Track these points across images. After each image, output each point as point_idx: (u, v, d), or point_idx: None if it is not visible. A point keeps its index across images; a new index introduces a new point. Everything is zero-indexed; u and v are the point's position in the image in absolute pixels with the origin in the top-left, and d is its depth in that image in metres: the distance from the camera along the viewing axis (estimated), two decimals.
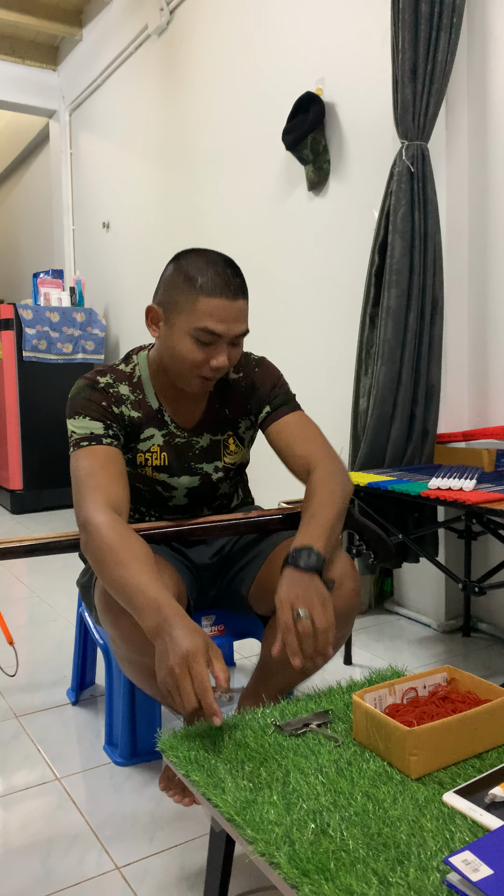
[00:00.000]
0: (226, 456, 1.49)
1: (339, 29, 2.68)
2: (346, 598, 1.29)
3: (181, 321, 1.29)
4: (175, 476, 1.45)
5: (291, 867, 0.74)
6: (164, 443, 1.43)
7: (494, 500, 1.59)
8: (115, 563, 1.14)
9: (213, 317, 1.26)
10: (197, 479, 1.46)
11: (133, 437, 1.41)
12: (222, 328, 1.27)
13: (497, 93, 2.14)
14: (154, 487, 1.46)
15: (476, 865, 0.70)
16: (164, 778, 1.43)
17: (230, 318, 1.28)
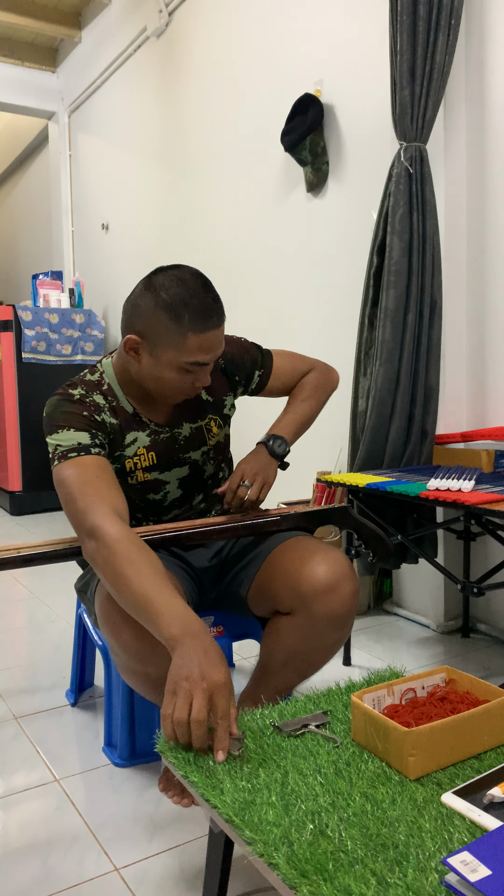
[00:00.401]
0: (210, 439, 1.52)
1: (338, 31, 2.68)
2: (343, 600, 1.29)
3: (168, 355, 1.30)
4: (166, 471, 1.46)
5: (290, 868, 0.74)
6: (151, 442, 1.44)
7: (493, 500, 1.59)
8: (134, 575, 1.12)
9: (203, 350, 1.30)
10: (186, 469, 1.49)
11: (117, 444, 1.41)
12: (210, 357, 1.32)
13: (495, 94, 2.15)
14: (145, 495, 1.47)
15: (474, 866, 0.70)
16: (164, 779, 1.43)
17: (217, 345, 1.32)
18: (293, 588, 1.31)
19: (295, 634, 1.32)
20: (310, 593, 1.29)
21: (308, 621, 1.30)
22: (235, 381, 1.55)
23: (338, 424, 2.66)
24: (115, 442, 1.41)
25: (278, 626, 1.36)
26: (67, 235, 5.41)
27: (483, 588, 1.70)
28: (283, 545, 1.40)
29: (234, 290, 3.34)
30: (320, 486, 2.55)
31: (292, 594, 1.31)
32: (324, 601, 1.28)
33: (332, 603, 1.28)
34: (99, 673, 1.92)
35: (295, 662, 1.36)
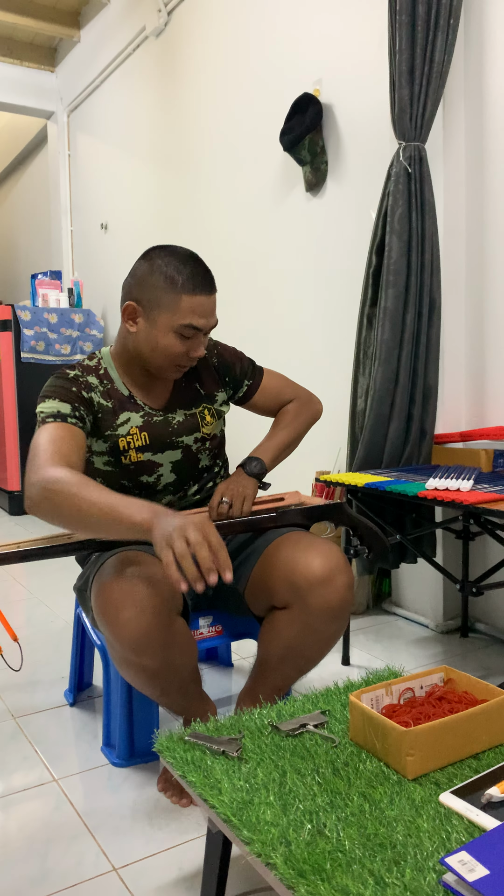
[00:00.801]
0: (203, 427, 1.55)
1: (337, 30, 2.68)
2: (338, 592, 1.30)
3: (164, 318, 1.38)
4: (158, 452, 1.49)
5: (288, 868, 0.74)
6: (143, 423, 1.48)
7: (492, 500, 1.59)
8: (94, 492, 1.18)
9: (196, 313, 1.38)
10: (179, 453, 1.51)
11: (107, 424, 1.46)
12: (203, 322, 1.39)
13: (494, 93, 2.14)
14: (139, 478, 1.49)
15: (472, 866, 0.70)
16: (162, 779, 1.44)
17: (209, 312, 1.40)
18: (288, 581, 1.32)
19: (291, 628, 1.33)
20: (305, 586, 1.30)
21: (304, 614, 1.31)
22: (225, 382, 1.61)
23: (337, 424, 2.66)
24: (104, 422, 1.45)
25: (275, 621, 1.37)
26: (66, 235, 5.40)
27: (482, 588, 1.70)
28: (278, 540, 1.41)
29: (234, 289, 3.34)
30: (319, 486, 2.55)
31: (287, 588, 1.32)
32: (319, 593, 1.29)
33: (327, 595, 1.29)
34: (97, 673, 1.92)
35: (292, 657, 1.36)
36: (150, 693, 1.34)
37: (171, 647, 1.25)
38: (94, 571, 1.35)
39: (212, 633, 1.58)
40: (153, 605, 1.21)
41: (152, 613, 1.21)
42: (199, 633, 1.55)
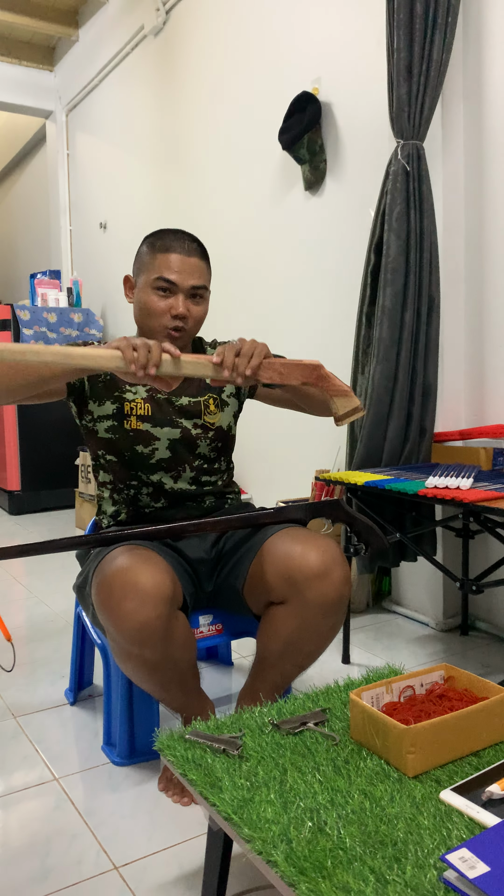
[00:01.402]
0: (206, 415, 1.56)
1: (335, 29, 2.68)
2: (334, 586, 1.31)
3: (144, 278, 1.48)
4: (158, 426, 1.51)
5: (288, 865, 0.74)
6: (148, 396, 1.52)
7: (492, 498, 1.59)
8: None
9: (168, 269, 1.44)
10: (178, 432, 1.53)
11: (117, 385, 1.51)
12: (176, 277, 1.44)
13: (492, 91, 2.14)
14: (134, 446, 1.51)
15: (473, 862, 0.70)
16: (164, 778, 1.44)
17: (184, 270, 1.45)
18: (285, 576, 1.32)
19: (289, 623, 1.34)
20: (301, 580, 1.30)
21: (301, 609, 1.32)
22: None
23: None
24: (112, 383, 1.51)
25: (273, 616, 1.37)
26: (65, 234, 5.40)
27: (482, 585, 1.70)
28: (274, 536, 1.42)
29: (232, 288, 3.34)
30: (319, 485, 2.55)
31: (285, 583, 1.33)
32: (316, 587, 1.30)
33: (324, 589, 1.30)
34: (98, 672, 1.92)
35: (291, 652, 1.37)
36: (149, 687, 1.35)
37: (171, 640, 1.26)
38: (94, 567, 1.36)
39: (212, 632, 1.58)
40: (154, 596, 1.22)
41: (153, 605, 1.22)
42: (200, 631, 1.55)
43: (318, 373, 1.31)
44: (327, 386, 1.31)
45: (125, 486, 1.54)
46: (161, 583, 1.24)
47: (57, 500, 4.49)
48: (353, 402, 1.33)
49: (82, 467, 3.90)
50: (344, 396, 1.32)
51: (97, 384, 1.50)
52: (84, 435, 1.58)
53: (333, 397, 1.32)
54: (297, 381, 1.29)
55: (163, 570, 1.27)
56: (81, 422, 1.55)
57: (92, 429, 1.53)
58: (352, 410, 1.32)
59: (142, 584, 1.22)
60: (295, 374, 1.30)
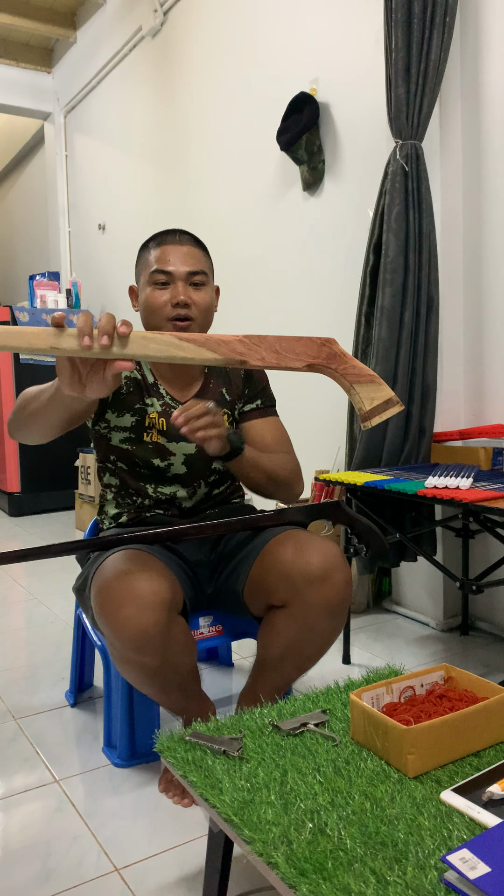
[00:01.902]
0: None
1: (333, 29, 2.68)
2: (336, 589, 1.30)
3: (143, 278, 1.48)
4: (173, 441, 1.50)
5: (289, 867, 0.74)
6: (162, 410, 1.50)
7: (491, 498, 1.59)
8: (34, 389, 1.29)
9: (161, 260, 1.45)
10: (193, 447, 1.51)
11: (138, 398, 1.50)
12: (170, 267, 1.44)
13: (490, 91, 2.14)
14: (150, 461, 1.50)
15: (474, 863, 0.70)
16: (164, 780, 1.44)
17: (178, 258, 1.45)
18: (287, 579, 1.32)
19: (291, 626, 1.33)
20: (303, 583, 1.30)
21: (303, 612, 1.31)
22: (244, 392, 1.60)
23: (335, 423, 2.66)
24: (133, 396, 1.50)
25: (274, 619, 1.37)
26: (64, 236, 5.40)
27: (482, 585, 1.70)
28: (276, 538, 1.41)
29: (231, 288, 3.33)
30: (318, 485, 2.55)
31: (286, 585, 1.32)
32: (318, 590, 1.29)
33: (325, 592, 1.29)
34: (98, 673, 1.92)
35: (292, 655, 1.36)
36: (149, 692, 1.34)
37: (171, 645, 1.25)
38: (93, 571, 1.35)
39: (212, 633, 1.58)
40: (153, 603, 1.21)
41: (152, 611, 1.21)
42: (200, 632, 1.55)
43: (328, 350, 1.02)
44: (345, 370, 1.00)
45: (134, 492, 1.54)
46: (160, 589, 1.23)
47: (57, 502, 4.49)
48: (383, 391, 1.01)
49: (82, 469, 3.90)
50: (370, 384, 1.01)
51: (119, 394, 1.49)
52: (93, 438, 1.57)
53: (354, 386, 1.01)
54: (301, 363, 1.02)
55: (162, 575, 1.27)
56: (94, 426, 1.54)
57: (105, 435, 1.52)
58: (383, 404, 1.01)
59: (141, 590, 1.22)
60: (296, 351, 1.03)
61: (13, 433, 1.36)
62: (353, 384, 1.00)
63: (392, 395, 1.00)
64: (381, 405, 1.00)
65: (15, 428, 1.35)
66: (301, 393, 2.85)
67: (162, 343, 0.99)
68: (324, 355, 1.01)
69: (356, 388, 1.00)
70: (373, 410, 1.00)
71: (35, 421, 1.28)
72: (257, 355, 1.01)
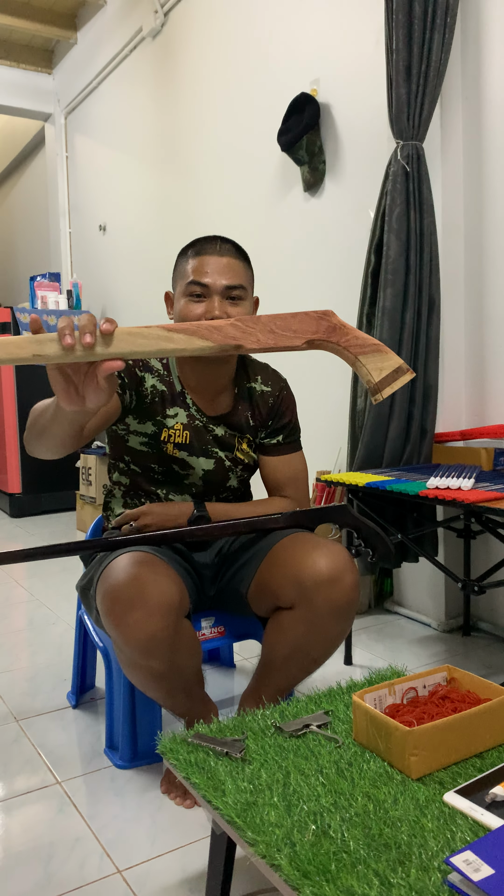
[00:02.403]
0: (237, 451, 1.54)
1: (334, 30, 2.68)
2: (344, 591, 1.30)
3: (179, 287, 1.43)
4: (194, 456, 1.49)
5: (292, 869, 0.73)
6: (188, 423, 1.49)
7: (493, 498, 1.59)
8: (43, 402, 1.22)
9: (199, 271, 1.39)
10: (213, 463, 1.51)
11: (160, 409, 1.47)
12: (208, 279, 1.39)
13: (491, 92, 2.14)
14: (170, 466, 1.49)
15: (477, 865, 0.70)
16: (166, 781, 1.44)
17: (216, 271, 1.39)
18: (294, 581, 1.31)
19: (297, 628, 1.33)
20: (311, 586, 1.29)
21: (310, 614, 1.30)
22: (268, 424, 1.57)
23: (337, 424, 2.66)
24: (155, 406, 1.47)
25: (280, 620, 1.36)
26: (65, 237, 5.40)
27: (484, 586, 1.69)
28: (283, 541, 1.41)
29: None
30: (320, 486, 2.54)
31: (294, 587, 1.32)
32: (326, 593, 1.29)
33: (333, 594, 1.29)
34: (100, 675, 1.92)
35: (297, 657, 1.36)
36: (154, 695, 1.34)
37: (177, 649, 1.25)
38: (99, 572, 1.35)
39: (214, 634, 1.57)
40: (161, 607, 1.21)
41: (161, 615, 1.20)
42: (202, 633, 1.55)
43: (327, 323, 0.95)
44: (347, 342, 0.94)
45: (144, 494, 1.53)
46: (168, 592, 1.23)
47: (57, 503, 4.49)
48: (391, 359, 0.94)
49: (83, 470, 3.90)
50: (375, 353, 0.94)
51: (143, 404, 1.46)
52: (109, 437, 1.56)
53: (360, 358, 0.94)
54: (300, 341, 0.95)
55: (170, 578, 1.26)
56: (112, 427, 1.51)
57: (122, 437, 1.50)
58: (393, 373, 0.94)
59: (149, 594, 1.21)
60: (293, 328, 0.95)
61: (30, 451, 1.30)
62: (357, 356, 0.94)
63: (401, 362, 0.94)
64: (390, 375, 0.93)
65: (30, 446, 1.29)
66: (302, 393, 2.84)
67: (150, 337, 0.92)
68: (323, 329, 0.94)
69: (362, 359, 0.94)
70: (382, 381, 0.94)
71: (45, 438, 1.22)
72: (252, 338, 0.94)
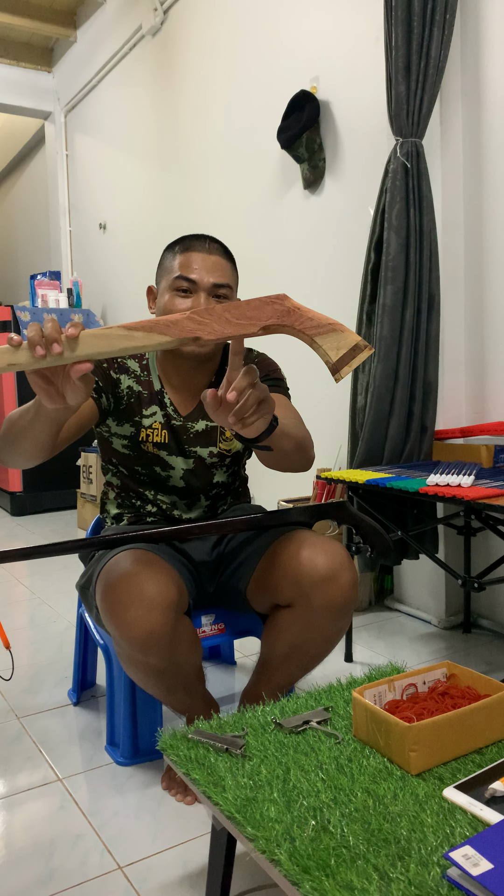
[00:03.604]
0: (221, 442, 1.52)
1: (333, 27, 2.67)
2: (342, 590, 1.30)
3: (164, 283, 1.42)
4: (172, 455, 1.49)
5: (292, 864, 0.74)
6: (165, 421, 1.49)
7: (493, 495, 1.59)
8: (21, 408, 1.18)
9: (186, 267, 1.38)
10: (191, 462, 1.50)
11: (136, 410, 1.47)
12: (196, 275, 1.38)
13: (491, 88, 2.14)
14: (152, 468, 1.49)
15: (476, 860, 0.70)
16: (167, 777, 1.44)
17: (203, 267, 1.39)
18: (292, 580, 1.31)
19: (295, 626, 1.33)
20: (309, 584, 1.29)
21: (308, 612, 1.31)
22: None
23: (337, 421, 2.66)
24: (133, 407, 1.47)
25: (278, 619, 1.37)
26: (65, 235, 5.40)
27: (484, 583, 1.70)
28: (281, 538, 1.41)
29: None
30: (320, 484, 2.55)
31: (292, 586, 1.32)
32: (323, 591, 1.29)
33: (331, 593, 1.29)
34: (101, 672, 1.92)
35: (296, 655, 1.36)
36: (155, 692, 1.35)
37: (177, 646, 1.25)
38: (99, 569, 1.35)
39: (214, 631, 1.58)
40: (160, 604, 1.21)
41: (159, 613, 1.21)
42: (202, 631, 1.55)
43: (281, 307, 0.94)
44: (302, 324, 0.93)
45: (135, 496, 1.54)
46: (167, 589, 1.23)
47: (59, 501, 4.49)
48: (348, 337, 0.94)
49: (84, 468, 3.90)
50: (332, 333, 0.94)
51: (120, 406, 1.46)
52: (98, 440, 1.56)
53: (316, 339, 0.94)
54: (255, 328, 0.94)
55: (169, 576, 1.27)
56: (97, 428, 1.53)
57: (107, 438, 1.52)
58: (350, 351, 0.93)
59: (148, 591, 1.22)
60: (248, 315, 0.94)
61: (3, 460, 1.27)
62: (313, 337, 0.94)
63: (358, 339, 0.94)
64: (348, 353, 0.93)
65: (3, 454, 1.26)
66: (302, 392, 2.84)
67: (111, 338, 0.93)
68: (277, 313, 0.94)
69: (318, 340, 0.93)
70: (341, 360, 0.93)
71: (24, 440, 1.20)
72: (208, 329, 0.94)
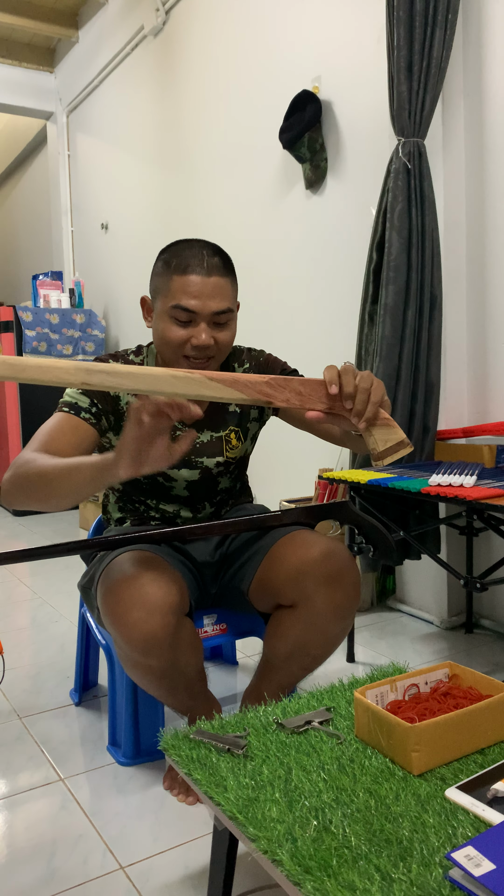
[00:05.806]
0: (228, 451, 1.51)
1: (335, 27, 2.67)
2: (345, 591, 1.30)
3: (161, 304, 1.34)
4: (176, 468, 1.46)
5: (294, 864, 0.74)
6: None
7: (495, 495, 1.59)
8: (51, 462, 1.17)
9: (186, 294, 1.29)
10: (197, 473, 1.48)
11: None
12: (195, 304, 1.30)
13: (493, 88, 2.14)
14: (154, 478, 1.47)
15: (478, 861, 0.70)
16: (168, 777, 1.44)
17: (204, 294, 1.30)
18: (295, 581, 1.31)
19: (298, 627, 1.33)
20: (312, 585, 1.29)
21: (311, 613, 1.30)
22: None
23: None
24: None
25: (281, 620, 1.36)
26: (67, 235, 5.41)
27: (486, 583, 1.69)
28: (284, 539, 1.40)
29: None
30: (322, 484, 2.54)
31: (294, 587, 1.31)
32: (326, 593, 1.28)
33: (334, 594, 1.28)
34: (103, 672, 1.92)
35: (298, 656, 1.36)
36: (156, 693, 1.34)
37: (178, 647, 1.25)
38: (101, 570, 1.35)
39: (216, 632, 1.58)
40: (161, 606, 1.21)
41: (161, 615, 1.20)
42: (204, 631, 1.55)
43: None
44: None
45: (137, 501, 1.53)
46: (168, 591, 1.23)
47: None
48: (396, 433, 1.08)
49: None
50: (385, 427, 1.08)
51: (121, 422, 1.41)
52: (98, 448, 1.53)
53: (370, 428, 1.08)
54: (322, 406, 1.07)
55: (170, 577, 1.26)
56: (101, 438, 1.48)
57: (108, 449, 1.47)
58: (396, 445, 1.08)
59: (149, 593, 1.21)
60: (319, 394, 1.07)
61: (12, 501, 1.20)
62: (369, 426, 1.08)
63: (404, 437, 1.08)
64: (393, 446, 1.08)
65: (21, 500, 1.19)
66: None
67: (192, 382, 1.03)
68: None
69: (372, 430, 1.08)
70: (386, 451, 1.08)
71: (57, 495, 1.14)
72: (282, 396, 1.06)
